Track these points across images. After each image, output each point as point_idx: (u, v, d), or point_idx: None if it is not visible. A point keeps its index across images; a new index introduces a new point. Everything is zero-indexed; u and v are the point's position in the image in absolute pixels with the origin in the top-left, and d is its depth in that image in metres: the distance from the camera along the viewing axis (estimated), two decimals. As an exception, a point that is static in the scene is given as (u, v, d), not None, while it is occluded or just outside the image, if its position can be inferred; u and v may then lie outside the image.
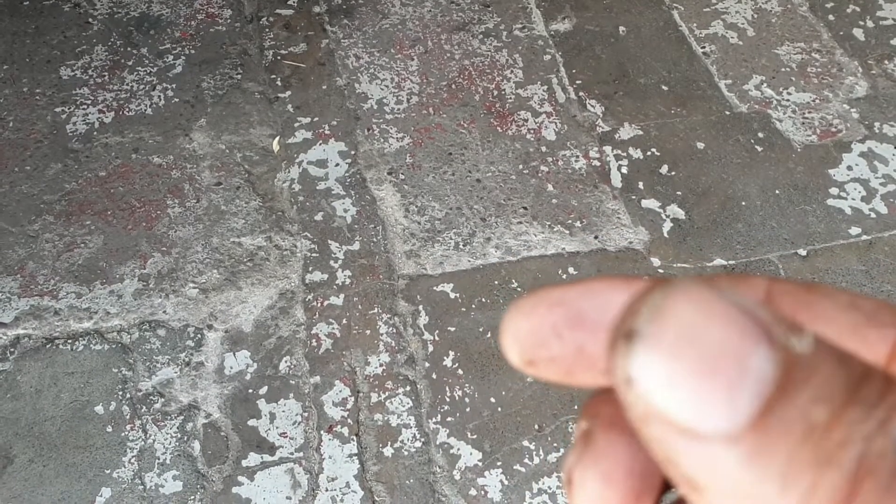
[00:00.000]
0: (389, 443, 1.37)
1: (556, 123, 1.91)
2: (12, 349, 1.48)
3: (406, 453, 1.36)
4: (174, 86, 1.96)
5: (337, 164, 1.79)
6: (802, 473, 0.14)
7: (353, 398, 1.42)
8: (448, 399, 1.43)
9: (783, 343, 0.15)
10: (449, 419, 1.40)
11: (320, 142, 1.84)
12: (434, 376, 1.45)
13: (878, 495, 0.14)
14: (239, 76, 1.99)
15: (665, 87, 1.99)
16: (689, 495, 0.16)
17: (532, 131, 1.89)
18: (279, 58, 2.04)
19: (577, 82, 2.01)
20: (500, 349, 0.22)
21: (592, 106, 1.96)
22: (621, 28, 2.14)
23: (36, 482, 1.31)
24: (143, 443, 1.36)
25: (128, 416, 1.39)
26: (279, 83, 1.97)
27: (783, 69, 2.02)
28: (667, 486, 0.20)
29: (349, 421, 1.39)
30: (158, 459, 1.34)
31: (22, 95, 1.94)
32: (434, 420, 1.40)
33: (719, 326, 0.15)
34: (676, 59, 2.06)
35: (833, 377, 0.15)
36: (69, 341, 1.49)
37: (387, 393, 1.43)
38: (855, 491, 0.14)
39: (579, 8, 2.19)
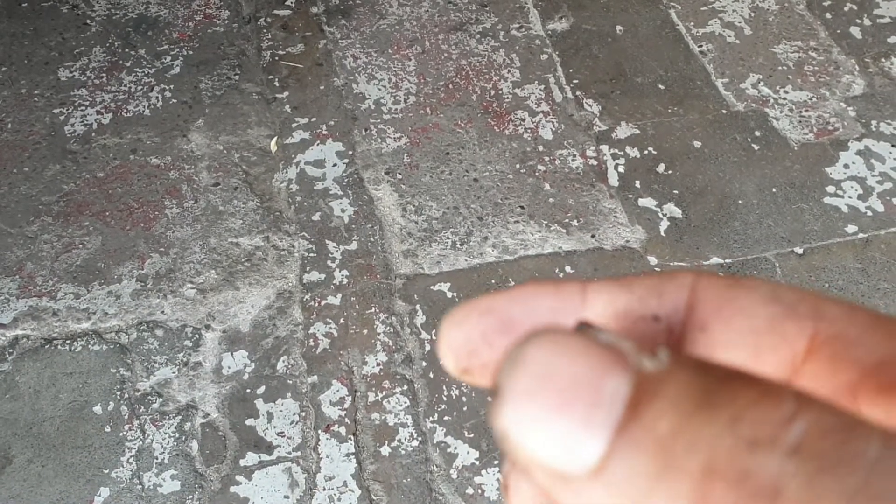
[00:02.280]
0: (387, 442, 1.38)
1: (553, 123, 1.92)
2: (11, 350, 1.48)
3: (403, 452, 1.37)
4: (172, 87, 1.97)
5: (334, 165, 1.80)
6: (657, 488, 0.14)
7: (350, 397, 1.42)
8: (445, 398, 1.43)
9: (635, 365, 0.15)
10: (446, 418, 1.41)
11: (318, 142, 1.84)
12: (431, 375, 1.46)
13: (729, 496, 0.14)
14: (237, 77, 1.99)
15: (662, 86, 1.99)
16: None
17: (529, 131, 1.90)
18: (277, 58, 2.04)
19: (574, 81, 2.01)
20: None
21: (589, 105, 1.96)
22: (618, 27, 2.14)
23: (35, 482, 1.31)
24: (141, 443, 1.36)
25: (126, 416, 1.39)
26: (277, 84, 1.98)
27: (780, 68, 2.02)
28: None
29: (346, 420, 1.40)
30: (156, 459, 1.34)
31: (20, 97, 1.95)
32: (431, 419, 1.41)
33: (570, 362, 0.16)
34: (673, 58, 2.06)
35: (685, 389, 0.15)
36: (67, 342, 1.49)
37: (384, 392, 1.43)
38: (706, 496, 0.14)
39: (576, 7, 2.20)
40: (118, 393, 1.42)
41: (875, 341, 0.17)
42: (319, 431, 1.39)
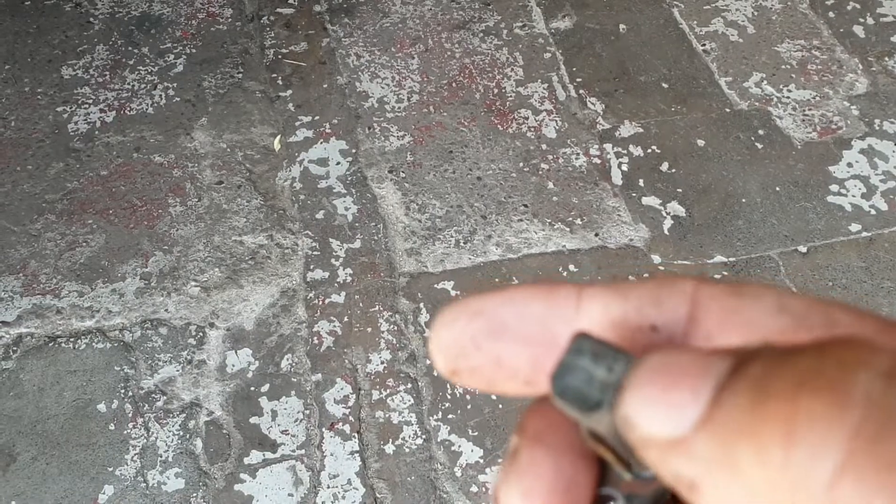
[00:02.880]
0: (391, 440, 1.38)
1: (556, 121, 1.92)
2: (15, 348, 1.48)
3: (407, 450, 1.37)
4: (175, 85, 1.97)
5: (338, 163, 1.80)
6: (756, 414, 0.15)
7: (354, 396, 1.43)
8: (449, 396, 1.43)
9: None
10: (450, 416, 1.41)
11: (321, 140, 1.84)
12: (435, 374, 1.46)
13: (816, 403, 0.15)
14: (240, 75, 1.99)
15: (665, 85, 1.99)
16: (690, 497, 0.16)
17: (532, 129, 1.90)
18: (280, 57, 2.04)
19: (578, 80, 2.01)
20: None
21: (593, 104, 1.96)
22: (621, 26, 2.14)
23: (39, 480, 1.31)
24: (145, 440, 1.37)
25: (130, 414, 1.40)
26: (280, 82, 1.98)
27: (783, 66, 2.02)
28: (599, 501, 0.20)
29: (350, 418, 1.40)
30: (161, 457, 1.35)
31: (24, 95, 1.95)
32: (435, 417, 1.41)
33: (682, 358, 0.17)
34: (677, 57, 2.06)
35: (771, 355, 0.16)
36: (71, 340, 1.49)
37: (388, 390, 1.43)
38: (796, 408, 0.15)
39: (579, 6, 2.19)
40: (122, 391, 1.42)
41: (892, 339, 0.17)
42: (323, 429, 1.39)
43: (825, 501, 0.14)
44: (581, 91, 1.99)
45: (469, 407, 1.42)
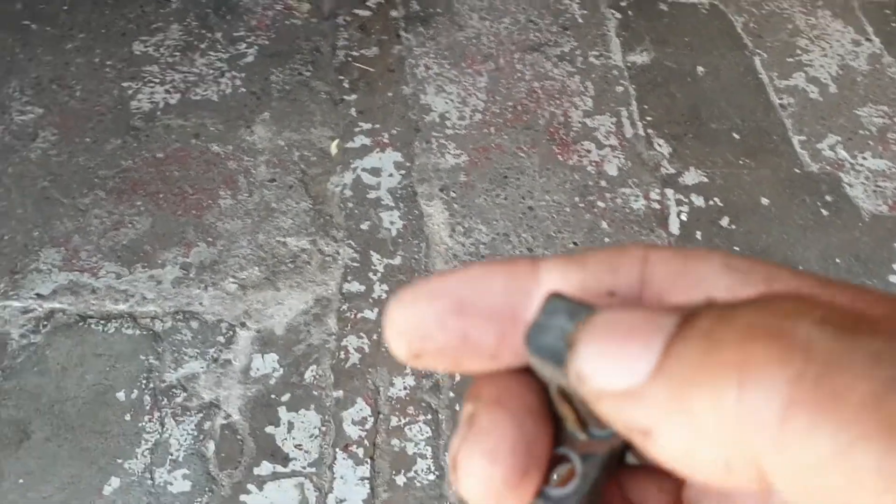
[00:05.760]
0: (403, 471, 1.35)
1: (619, 159, 1.86)
2: (45, 322, 1.49)
3: (418, 484, 1.34)
4: (243, 75, 1.96)
5: (390, 175, 1.77)
6: (708, 358, 0.16)
7: (372, 419, 1.40)
8: (468, 434, 1.39)
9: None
10: (466, 455, 1.37)
11: (377, 149, 1.82)
12: (457, 407, 1.43)
13: (769, 351, 0.16)
14: (308, 73, 1.98)
15: (737, 136, 1.92)
16: (644, 445, 0.17)
17: (594, 164, 1.85)
18: (350, 59, 2.02)
19: (648, 119, 1.96)
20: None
21: (660, 145, 1.90)
22: (700, 68, 2.08)
23: (49, 461, 1.32)
24: (158, 436, 1.36)
25: (148, 407, 1.39)
26: (346, 85, 1.96)
27: (861, 132, 1.93)
28: (554, 461, 0.21)
29: (366, 442, 1.37)
30: (171, 455, 1.34)
31: (93, 66, 1.97)
32: (451, 454, 1.37)
33: (633, 316, 0.18)
34: (752, 108, 1.99)
35: (718, 310, 0.17)
36: (102, 322, 1.50)
37: (407, 418, 1.40)
38: (748, 354, 0.16)
39: (659, 42, 2.14)
40: (144, 381, 1.42)
41: (826, 294, 0.19)
42: (337, 450, 1.37)
43: (776, 436, 0.15)
44: (649, 130, 1.93)
45: (487, 448, 1.38)
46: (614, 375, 0.17)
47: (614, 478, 0.24)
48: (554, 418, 0.21)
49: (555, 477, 0.21)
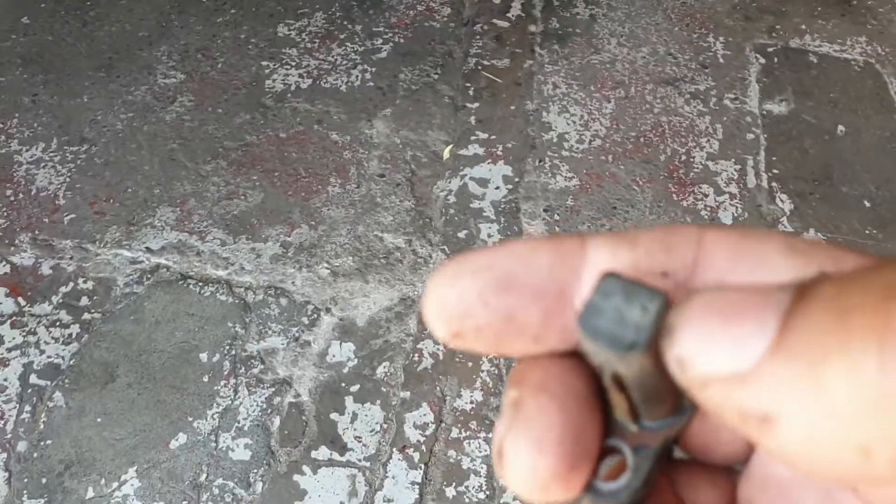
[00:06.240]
0: (455, 484, 1.35)
1: (736, 208, 1.80)
2: (149, 275, 1.57)
3: (467, 501, 1.33)
4: (374, 70, 2.01)
5: (497, 187, 1.77)
6: (839, 331, 0.15)
7: (434, 426, 1.40)
8: (526, 459, 1.38)
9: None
10: (520, 480, 1.36)
11: (489, 160, 1.83)
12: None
13: None
14: (436, 76, 2.01)
15: (868, 203, 1.82)
16: (761, 434, 0.16)
17: (709, 209, 1.79)
18: (479, 68, 2.04)
19: (774, 171, 1.88)
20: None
21: (782, 200, 1.82)
22: (840, 127, 1.98)
23: (127, 406, 1.39)
24: (230, 402, 1.41)
25: (226, 373, 1.44)
26: (471, 93, 1.97)
27: None
28: (603, 452, 0.20)
29: (423, 448, 1.38)
30: (238, 423, 1.38)
31: (238, 41, 2.06)
32: (505, 475, 1.36)
33: (736, 293, 0.17)
34: (891, 177, 1.87)
35: (832, 283, 0.16)
36: (200, 283, 1.56)
37: (468, 432, 1.40)
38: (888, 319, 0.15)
39: (802, 94, 2.05)
40: (227, 347, 1.48)
41: None
42: (395, 449, 1.38)
43: None
44: (774, 184, 1.85)
45: (542, 477, 1.36)
46: (723, 358, 0.16)
47: (664, 472, 0.22)
48: (603, 407, 0.20)
49: (604, 469, 0.20)
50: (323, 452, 1.37)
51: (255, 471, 1.34)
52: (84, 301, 1.53)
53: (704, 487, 0.22)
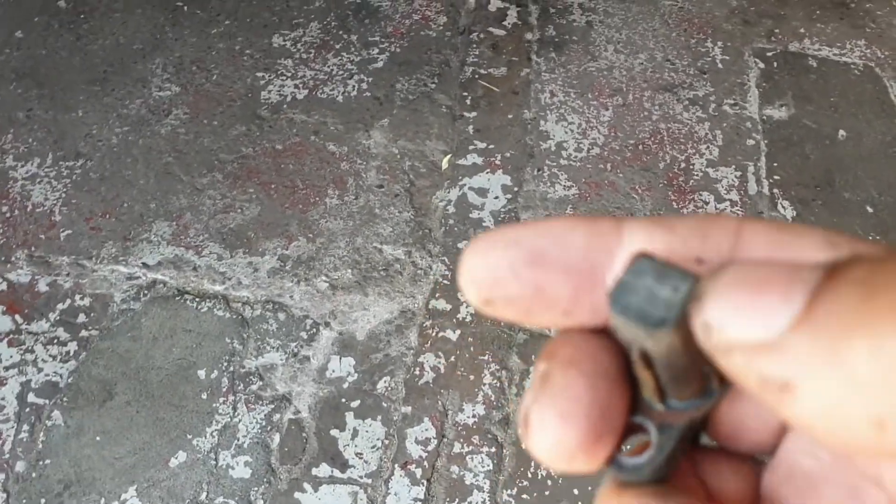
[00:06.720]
0: (457, 500, 1.33)
1: (737, 215, 1.78)
2: (146, 291, 1.55)
3: (470, 515, 1.32)
4: (371, 80, 2.00)
5: (496, 197, 1.76)
6: (866, 310, 0.15)
7: (436, 441, 1.39)
8: (530, 475, 1.36)
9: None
10: (524, 496, 1.34)
11: (488, 170, 1.81)
12: (524, 446, 1.39)
13: None
14: (433, 85, 2.00)
15: (870, 209, 1.81)
16: (780, 402, 0.16)
17: (708, 216, 1.77)
18: (476, 76, 2.02)
19: (775, 177, 1.87)
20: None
21: (784, 207, 1.81)
22: (841, 132, 1.97)
23: (126, 424, 1.37)
24: (229, 419, 1.39)
25: (224, 389, 1.43)
26: (468, 102, 1.96)
27: None
28: (629, 429, 0.20)
29: (425, 463, 1.36)
30: (237, 441, 1.37)
31: (232, 52, 2.04)
32: (509, 492, 1.34)
33: (767, 267, 0.17)
34: (893, 182, 1.86)
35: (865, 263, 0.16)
36: (197, 299, 1.55)
37: (471, 447, 1.38)
38: None
39: (801, 98, 2.04)
40: (225, 364, 1.46)
41: None
42: (396, 465, 1.36)
43: None
44: (775, 190, 1.84)
45: (547, 493, 1.35)
46: (749, 327, 0.16)
47: (688, 456, 0.23)
48: (631, 385, 0.21)
49: (628, 445, 0.20)
50: (324, 469, 1.35)
51: (256, 489, 1.32)
52: (81, 318, 1.52)
53: (728, 475, 0.23)
